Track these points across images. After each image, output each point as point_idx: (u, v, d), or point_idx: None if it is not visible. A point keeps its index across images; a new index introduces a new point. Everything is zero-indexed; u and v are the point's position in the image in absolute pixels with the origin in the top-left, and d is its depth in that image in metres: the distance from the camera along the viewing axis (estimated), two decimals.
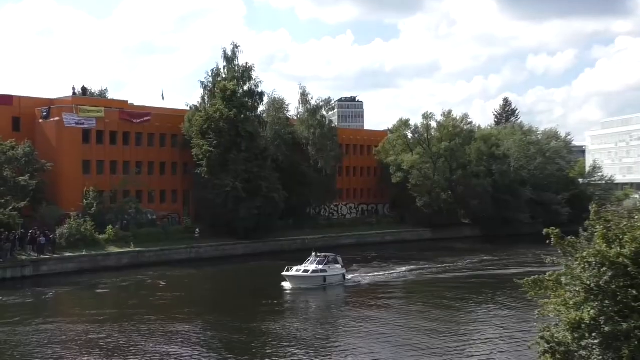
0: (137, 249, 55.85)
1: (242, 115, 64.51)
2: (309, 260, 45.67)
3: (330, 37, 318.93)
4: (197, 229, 61.76)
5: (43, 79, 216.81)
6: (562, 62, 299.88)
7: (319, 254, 46.28)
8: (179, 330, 31.97)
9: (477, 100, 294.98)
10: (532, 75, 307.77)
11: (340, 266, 46.67)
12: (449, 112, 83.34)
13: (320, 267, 44.76)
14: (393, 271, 51.97)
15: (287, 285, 43.93)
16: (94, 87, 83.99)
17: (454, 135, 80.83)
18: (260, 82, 69.61)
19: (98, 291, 45.22)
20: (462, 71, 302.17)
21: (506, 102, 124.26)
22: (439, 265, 55.39)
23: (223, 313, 37.66)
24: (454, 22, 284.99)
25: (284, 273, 44.04)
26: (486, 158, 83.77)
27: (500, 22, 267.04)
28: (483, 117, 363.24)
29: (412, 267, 54.03)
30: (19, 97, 63.37)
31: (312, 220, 74.54)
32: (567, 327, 13.45)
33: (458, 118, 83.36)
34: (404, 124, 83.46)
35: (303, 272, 44.15)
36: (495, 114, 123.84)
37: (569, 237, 14.84)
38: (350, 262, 57.55)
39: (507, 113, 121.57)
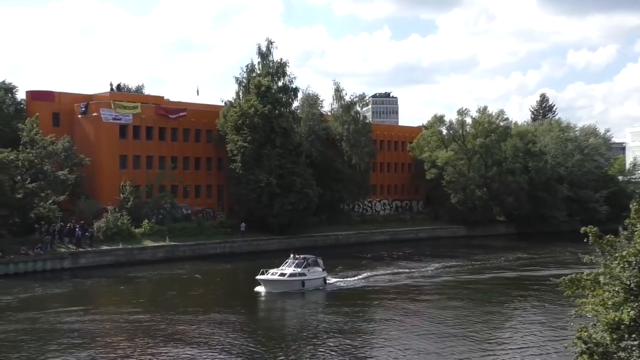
0: (172, 243, 56.53)
1: (277, 111, 64.79)
2: (286, 262, 42.35)
3: (367, 33, 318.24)
4: (243, 223, 62.33)
5: (83, 75, 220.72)
6: (603, 57, 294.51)
7: (297, 256, 42.64)
8: (212, 323, 32.34)
9: (514, 97, 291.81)
10: (572, 70, 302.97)
11: (321, 269, 43.16)
12: (485, 108, 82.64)
13: (299, 270, 41.32)
14: (396, 272, 49.50)
15: (261, 289, 40.59)
16: (132, 84, 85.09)
17: (490, 131, 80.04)
18: (294, 77, 69.97)
19: (134, 284, 45.92)
20: (500, 67, 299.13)
21: (543, 98, 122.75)
22: (469, 264, 54.88)
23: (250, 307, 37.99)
24: (493, 17, 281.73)
25: (258, 277, 40.72)
26: (522, 155, 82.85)
27: (540, 17, 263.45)
28: (520, 114, 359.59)
29: (429, 266, 52.46)
30: (59, 93, 64.54)
31: (345, 216, 74.51)
32: (606, 327, 13.23)
33: (494, 114, 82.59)
34: (439, 120, 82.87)
35: (279, 275, 40.81)
36: (532, 110, 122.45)
37: (608, 236, 14.58)
38: (387, 260, 57.57)
39: (544, 109, 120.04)
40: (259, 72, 68.83)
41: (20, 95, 64.25)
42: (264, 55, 69.36)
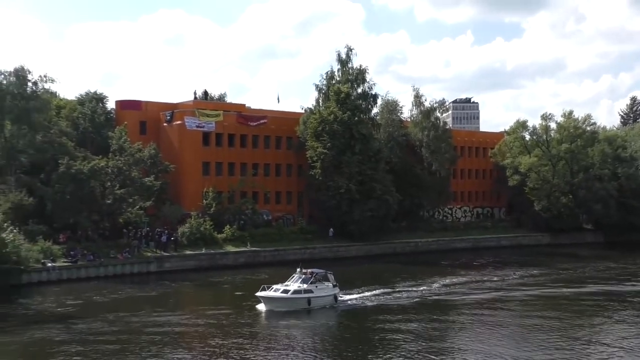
0: (253, 249, 57.48)
1: (356, 118, 64.93)
2: (292, 277, 38.88)
3: (450, 38, 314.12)
4: (332, 229, 62.81)
5: (169, 84, 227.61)
6: None
7: (304, 270, 39.00)
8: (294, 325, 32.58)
9: (604, 100, 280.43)
10: None
11: (331, 285, 39.40)
12: (570, 113, 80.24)
13: (305, 286, 37.73)
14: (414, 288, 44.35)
15: (262, 308, 37.02)
16: (215, 92, 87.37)
17: (575, 136, 77.56)
18: (374, 84, 70.05)
19: (218, 288, 46.90)
20: (589, 69, 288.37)
21: (634, 102, 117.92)
22: (554, 273, 53.06)
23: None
24: (582, 18, 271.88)
25: (259, 293, 37.30)
26: (611, 160, 79.93)
27: (632, 17, 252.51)
28: (610, 118, 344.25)
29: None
30: (146, 102, 66.89)
31: (425, 223, 73.73)
32: None
33: (580, 119, 79.97)
34: (522, 125, 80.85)
35: (282, 292, 37.15)
36: (622, 114, 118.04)
37: None
38: (466, 267, 56.50)
39: (634, 113, 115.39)
40: (338, 79, 69.28)
41: (110, 104, 67.22)
42: (344, 62, 69.78)
